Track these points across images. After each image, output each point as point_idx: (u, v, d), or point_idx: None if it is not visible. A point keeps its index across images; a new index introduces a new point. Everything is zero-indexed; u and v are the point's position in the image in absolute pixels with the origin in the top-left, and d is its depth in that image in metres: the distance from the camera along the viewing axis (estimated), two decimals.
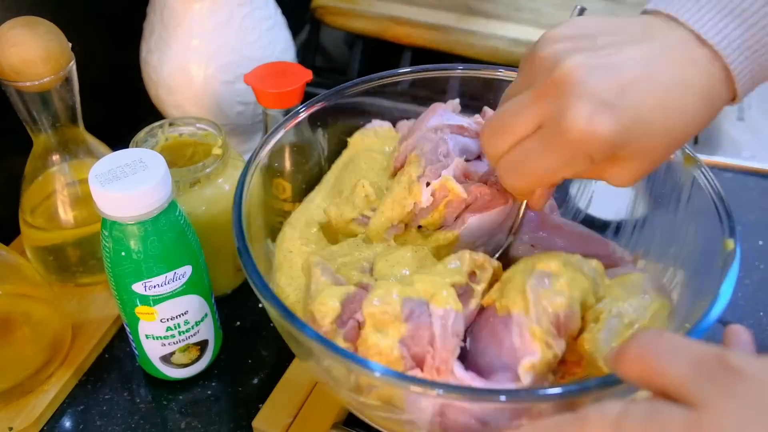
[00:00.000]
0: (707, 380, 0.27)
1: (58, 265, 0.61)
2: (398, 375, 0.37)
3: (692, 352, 0.29)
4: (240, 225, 0.44)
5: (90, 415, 0.54)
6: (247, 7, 0.66)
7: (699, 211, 0.45)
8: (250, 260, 0.42)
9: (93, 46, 0.64)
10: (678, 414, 0.27)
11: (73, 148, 0.58)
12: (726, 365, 0.27)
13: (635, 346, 0.30)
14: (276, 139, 0.52)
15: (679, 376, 0.28)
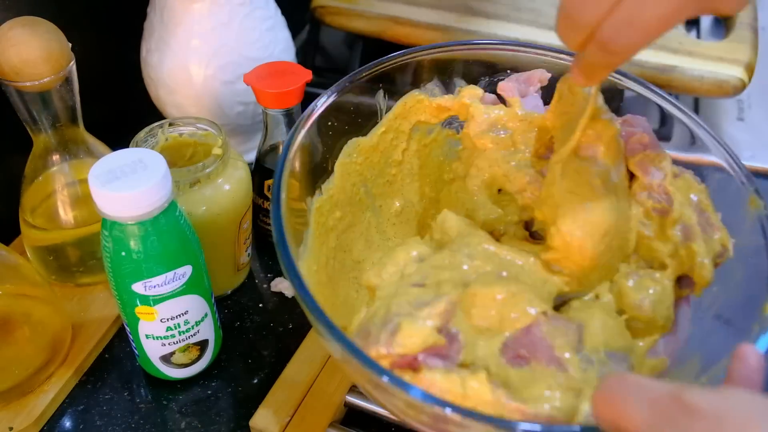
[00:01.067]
0: (665, 423, 0.27)
1: (58, 265, 0.61)
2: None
3: (651, 393, 0.28)
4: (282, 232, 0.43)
5: (90, 415, 0.54)
6: (247, 7, 0.66)
7: (749, 260, 0.43)
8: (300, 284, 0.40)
9: (93, 46, 0.64)
10: None
11: (73, 148, 0.58)
12: (682, 405, 0.27)
13: (603, 390, 0.30)
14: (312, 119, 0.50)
15: (640, 420, 0.28)
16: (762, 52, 0.74)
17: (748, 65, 0.71)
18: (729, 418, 0.26)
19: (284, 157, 0.47)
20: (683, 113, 0.50)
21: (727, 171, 0.47)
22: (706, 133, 0.49)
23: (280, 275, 0.64)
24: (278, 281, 0.64)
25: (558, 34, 0.38)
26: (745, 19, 0.77)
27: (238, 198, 0.57)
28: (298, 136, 0.48)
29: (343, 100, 0.52)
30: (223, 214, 0.56)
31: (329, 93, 0.51)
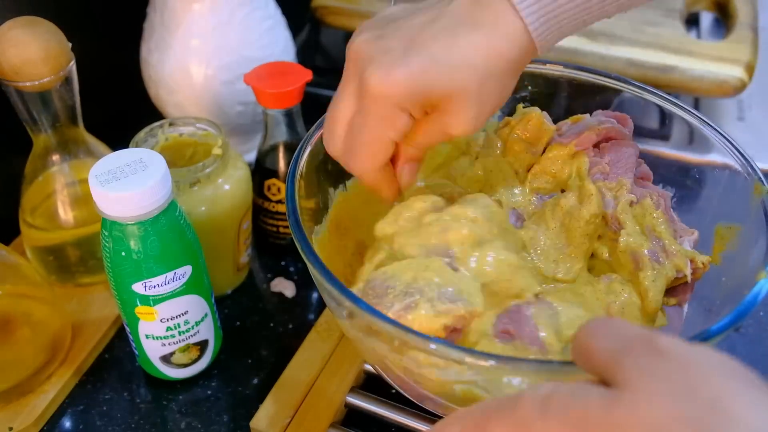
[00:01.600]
0: (632, 360, 0.27)
1: (58, 265, 0.61)
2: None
3: (625, 333, 0.29)
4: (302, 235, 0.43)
5: (90, 415, 0.54)
6: (247, 7, 0.66)
7: (753, 243, 0.44)
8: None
9: (93, 46, 0.64)
10: (599, 393, 0.27)
11: (73, 148, 0.58)
12: (653, 346, 0.27)
13: (582, 330, 0.31)
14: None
15: (607, 354, 0.28)
16: (762, 52, 0.74)
17: (748, 65, 0.71)
18: (694, 365, 0.26)
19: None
20: (686, 111, 0.51)
21: (733, 167, 0.48)
22: (710, 129, 0.49)
23: (280, 275, 0.64)
24: (278, 281, 0.64)
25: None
26: (745, 19, 0.77)
27: (238, 198, 0.57)
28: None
29: None
30: (223, 214, 0.56)
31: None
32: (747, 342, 0.58)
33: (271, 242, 0.66)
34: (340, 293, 0.39)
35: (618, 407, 0.26)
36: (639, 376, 0.27)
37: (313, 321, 0.59)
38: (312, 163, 0.49)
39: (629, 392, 0.26)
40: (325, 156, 0.45)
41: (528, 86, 0.56)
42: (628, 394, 0.26)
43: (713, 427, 0.25)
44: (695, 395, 0.25)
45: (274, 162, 0.62)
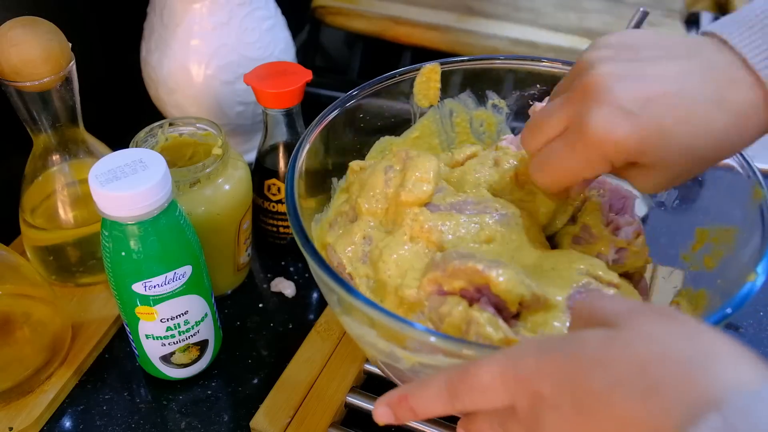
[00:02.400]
0: (637, 313, 0.29)
1: (58, 265, 0.61)
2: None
3: (630, 302, 0.31)
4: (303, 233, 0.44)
5: (90, 415, 0.54)
6: (247, 7, 0.66)
7: (749, 245, 0.45)
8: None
9: (93, 46, 0.64)
10: (597, 332, 0.29)
11: (73, 148, 0.58)
12: (660, 310, 0.29)
13: (582, 299, 0.33)
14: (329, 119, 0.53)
15: (611, 310, 0.30)
16: None
17: None
18: (688, 321, 0.29)
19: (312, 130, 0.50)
20: None
21: (735, 168, 0.48)
22: None
23: (280, 275, 0.64)
24: (278, 281, 0.64)
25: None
26: None
27: (238, 198, 0.57)
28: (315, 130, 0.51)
29: (373, 102, 0.55)
30: (223, 214, 0.56)
31: (354, 94, 0.54)
32: (747, 342, 0.58)
33: (271, 242, 0.66)
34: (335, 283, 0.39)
35: (616, 341, 0.28)
36: (637, 320, 0.29)
37: (313, 321, 0.59)
38: (311, 161, 0.50)
39: (627, 330, 0.28)
40: (325, 153, 0.46)
41: (537, 84, 0.56)
42: (626, 331, 0.28)
43: (704, 367, 0.26)
44: (691, 341, 0.27)
45: (274, 162, 0.62)
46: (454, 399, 0.32)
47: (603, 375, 0.27)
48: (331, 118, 0.52)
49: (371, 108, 0.55)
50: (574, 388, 0.28)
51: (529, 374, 0.29)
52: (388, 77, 0.55)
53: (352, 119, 0.54)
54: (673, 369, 0.26)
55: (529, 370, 0.29)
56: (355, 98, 0.54)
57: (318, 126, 0.51)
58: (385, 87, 0.55)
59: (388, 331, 0.39)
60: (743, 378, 0.26)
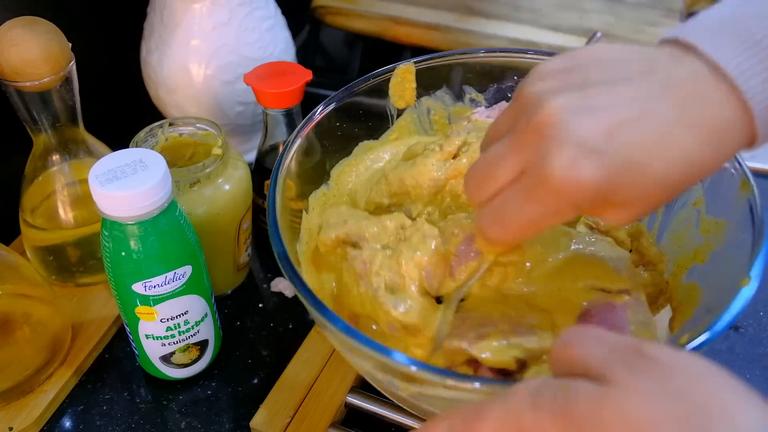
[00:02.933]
0: (622, 363, 0.28)
1: (58, 265, 0.61)
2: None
3: (612, 341, 0.29)
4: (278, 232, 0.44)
5: (90, 415, 0.54)
6: (247, 7, 0.66)
7: (739, 240, 0.44)
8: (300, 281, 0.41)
9: (93, 46, 0.64)
10: (588, 388, 0.27)
11: (73, 148, 0.58)
12: (642, 353, 0.28)
13: (560, 340, 0.30)
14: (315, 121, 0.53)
15: (596, 359, 0.28)
16: None
17: None
18: (683, 369, 0.27)
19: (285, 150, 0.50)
20: None
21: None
22: None
23: (280, 275, 0.64)
24: (278, 281, 0.64)
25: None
26: None
27: (238, 198, 0.57)
28: (300, 136, 0.51)
29: (354, 102, 0.54)
30: (223, 214, 0.56)
31: (333, 98, 0.53)
32: (746, 342, 0.58)
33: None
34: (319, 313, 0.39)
35: (607, 403, 0.27)
36: (629, 376, 0.27)
37: (313, 321, 0.59)
38: (300, 164, 0.50)
39: (619, 390, 0.27)
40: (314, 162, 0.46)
41: (514, 77, 0.56)
42: (618, 391, 0.27)
43: (703, 426, 0.25)
44: (684, 396, 0.26)
45: (274, 162, 0.62)
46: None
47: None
48: (307, 131, 0.52)
49: (350, 112, 0.54)
50: None
51: (530, 428, 0.28)
52: (363, 80, 0.54)
53: (330, 127, 0.53)
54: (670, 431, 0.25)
55: (529, 426, 0.28)
56: (334, 103, 0.53)
57: (296, 139, 0.51)
58: (361, 90, 0.54)
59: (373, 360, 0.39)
60: (745, 429, 0.25)
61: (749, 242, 0.42)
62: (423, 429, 0.32)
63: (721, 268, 0.45)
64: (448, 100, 0.58)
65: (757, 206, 0.44)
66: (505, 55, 0.56)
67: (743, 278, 0.40)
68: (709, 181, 0.49)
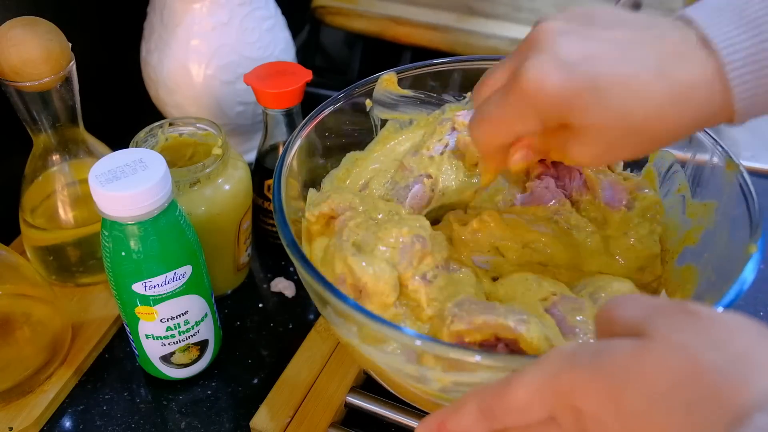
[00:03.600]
0: (662, 318, 0.28)
1: (58, 265, 0.61)
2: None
3: (652, 301, 0.30)
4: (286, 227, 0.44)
5: (90, 415, 0.54)
6: (247, 7, 0.66)
7: (732, 217, 0.45)
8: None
9: (93, 46, 0.64)
10: (626, 343, 0.28)
11: (73, 148, 0.58)
12: (684, 309, 0.28)
13: (606, 305, 0.31)
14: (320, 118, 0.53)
15: (636, 317, 0.29)
16: None
17: None
18: (722, 323, 0.27)
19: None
20: None
21: (705, 145, 0.49)
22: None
23: (280, 275, 0.64)
24: (278, 281, 0.64)
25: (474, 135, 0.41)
26: None
27: (238, 198, 0.57)
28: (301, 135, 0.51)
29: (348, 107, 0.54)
30: (223, 214, 0.56)
31: (336, 99, 0.53)
32: None
33: (271, 242, 0.66)
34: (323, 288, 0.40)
35: (648, 354, 0.27)
36: (669, 328, 0.27)
37: (313, 321, 0.59)
38: (301, 162, 0.50)
39: (659, 341, 0.27)
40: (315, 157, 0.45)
41: None
42: (658, 343, 0.27)
43: (740, 374, 0.25)
44: (723, 347, 0.26)
45: (274, 162, 0.62)
46: (492, 420, 0.31)
47: (641, 391, 0.27)
48: (299, 144, 0.51)
49: (335, 124, 0.54)
50: (616, 406, 0.27)
51: (567, 390, 0.28)
52: (348, 91, 0.54)
53: (318, 138, 0.53)
54: (711, 380, 0.25)
55: (567, 386, 0.28)
56: (319, 114, 0.53)
57: (287, 156, 0.50)
58: (346, 101, 0.54)
59: (375, 336, 0.39)
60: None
61: (745, 215, 0.43)
62: (455, 404, 0.32)
63: (716, 245, 0.46)
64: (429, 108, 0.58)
65: (747, 182, 0.45)
66: (482, 63, 0.55)
67: (749, 246, 0.41)
68: (692, 168, 0.50)
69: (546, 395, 0.29)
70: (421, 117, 0.57)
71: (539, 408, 0.30)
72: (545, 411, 0.30)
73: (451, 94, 0.57)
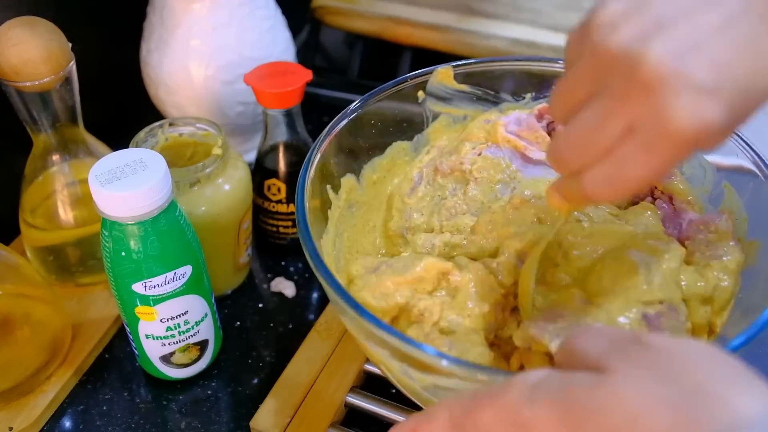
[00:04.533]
0: (619, 352, 0.28)
1: (58, 265, 0.61)
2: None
3: (612, 333, 0.30)
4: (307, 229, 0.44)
5: (90, 415, 0.54)
6: (247, 7, 0.66)
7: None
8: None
9: (93, 46, 0.64)
10: (585, 378, 0.28)
11: (73, 148, 0.58)
12: (640, 341, 0.28)
13: (568, 338, 0.31)
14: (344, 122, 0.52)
15: (595, 350, 0.29)
16: None
17: None
18: (678, 354, 0.27)
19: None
20: None
21: (755, 173, 0.47)
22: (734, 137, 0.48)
23: (280, 275, 0.64)
24: (278, 281, 0.64)
25: (547, 159, 0.38)
26: None
27: (238, 198, 0.57)
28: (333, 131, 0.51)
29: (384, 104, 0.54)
30: (223, 214, 0.56)
31: (372, 94, 0.53)
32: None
33: (271, 242, 0.66)
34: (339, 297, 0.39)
35: (603, 391, 0.27)
36: (624, 362, 0.27)
37: (313, 321, 0.59)
38: (321, 167, 0.49)
39: (615, 377, 0.27)
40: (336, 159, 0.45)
41: (551, 86, 0.56)
42: (614, 378, 0.27)
43: (695, 410, 0.25)
44: (678, 380, 0.26)
45: (274, 162, 0.62)
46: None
47: (595, 428, 0.26)
48: (342, 125, 0.51)
49: (380, 113, 0.54)
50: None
51: (527, 421, 0.29)
52: (401, 80, 0.54)
53: (361, 125, 0.53)
54: (666, 417, 0.25)
55: (527, 420, 0.29)
56: (366, 104, 0.53)
57: (330, 134, 0.50)
58: (396, 91, 0.54)
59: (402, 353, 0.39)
60: (742, 410, 0.25)
61: None
62: (424, 415, 0.33)
63: (752, 287, 0.44)
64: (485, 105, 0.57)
65: None
66: (542, 64, 0.55)
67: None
68: (746, 198, 0.48)
69: (508, 425, 0.29)
70: (476, 113, 0.57)
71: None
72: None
73: (509, 93, 0.56)
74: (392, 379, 0.45)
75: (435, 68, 0.55)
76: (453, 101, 0.56)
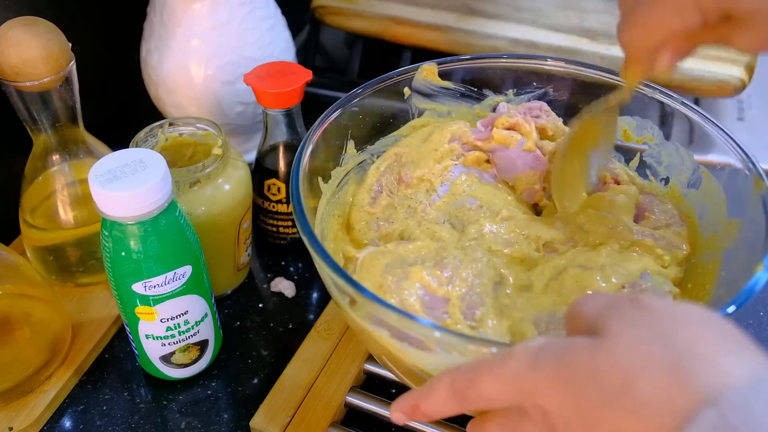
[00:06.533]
0: (616, 313, 0.29)
1: (58, 265, 0.61)
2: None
3: (610, 296, 0.31)
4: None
5: (90, 415, 0.54)
6: (247, 7, 0.66)
7: (751, 237, 0.45)
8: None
9: (93, 46, 0.64)
10: (583, 342, 0.29)
11: (73, 148, 0.58)
12: (635, 302, 0.29)
13: (573, 303, 0.32)
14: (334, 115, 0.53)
15: (593, 313, 0.30)
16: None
17: (748, 65, 0.71)
18: (672, 316, 0.28)
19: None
20: (688, 108, 0.52)
21: (733, 164, 0.48)
22: (711, 126, 0.50)
23: (280, 275, 0.64)
24: (278, 281, 0.64)
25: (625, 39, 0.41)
26: None
27: (238, 198, 0.57)
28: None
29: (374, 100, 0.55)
30: (223, 214, 0.56)
31: (361, 89, 0.54)
32: None
33: (271, 242, 0.66)
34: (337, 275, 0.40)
35: (599, 352, 0.28)
36: (619, 324, 0.28)
37: (313, 321, 0.59)
38: (314, 161, 0.50)
39: (609, 339, 0.28)
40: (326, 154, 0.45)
41: (533, 83, 0.57)
42: (609, 340, 0.28)
43: (685, 370, 0.26)
44: (670, 341, 0.27)
45: (274, 162, 0.62)
46: (464, 402, 0.32)
47: (598, 391, 0.27)
48: (332, 118, 0.52)
49: (370, 108, 0.55)
50: (577, 406, 0.28)
51: (530, 390, 0.29)
52: (386, 77, 0.55)
53: (351, 120, 0.54)
54: (658, 377, 0.26)
55: (530, 386, 0.29)
56: (356, 99, 0.54)
57: (320, 127, 0.51)
58: (384, 87, 0.55)
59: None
60: (729, 373, 0.25)
61: (763, 233, 0.43)
62: (425, 387, 0.33)
63: (734, 266, 0.46)
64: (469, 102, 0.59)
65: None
66: (529, 62, 0.57)
67: (757, 264, 0.41)
68: (724, 182, 0.50)
69: (511, 392, 0.30)
70: (460, 109, 0.58)
71: (507, 401, 0.31)
72: (513, 402, 0.31)
73: (491, 89, 0.58)
74: (395, 370, 0.45)
75: (420, 65, 0.55)
76: (437, 98, 0.57)
